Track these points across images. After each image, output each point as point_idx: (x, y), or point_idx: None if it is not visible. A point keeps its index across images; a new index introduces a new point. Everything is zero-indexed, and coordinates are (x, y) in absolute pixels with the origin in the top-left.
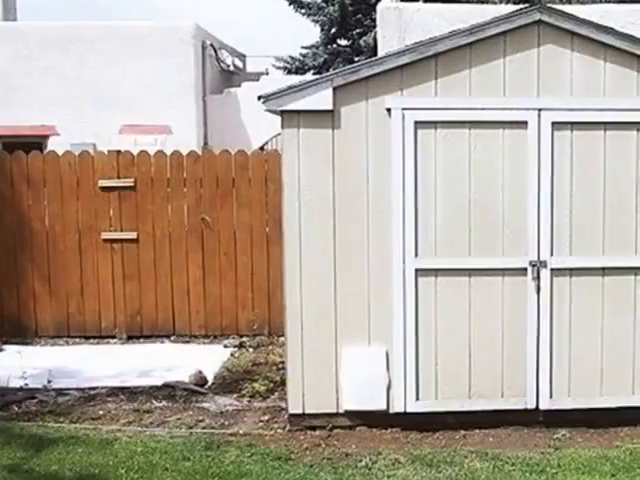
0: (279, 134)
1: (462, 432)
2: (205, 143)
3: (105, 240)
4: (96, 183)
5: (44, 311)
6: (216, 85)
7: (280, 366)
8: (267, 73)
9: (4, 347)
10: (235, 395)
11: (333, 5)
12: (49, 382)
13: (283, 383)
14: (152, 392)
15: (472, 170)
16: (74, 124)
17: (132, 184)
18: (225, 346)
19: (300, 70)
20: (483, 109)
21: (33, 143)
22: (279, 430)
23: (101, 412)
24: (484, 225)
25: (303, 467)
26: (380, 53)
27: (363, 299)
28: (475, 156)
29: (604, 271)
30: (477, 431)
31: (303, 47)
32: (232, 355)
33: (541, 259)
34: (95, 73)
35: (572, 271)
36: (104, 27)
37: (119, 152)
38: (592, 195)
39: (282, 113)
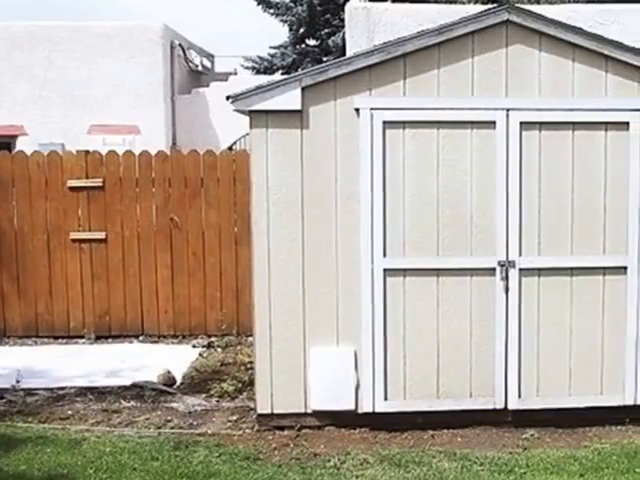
0: (247, 134)
1: (430, 432)
2: (174, 143)
3: (74, 240)
4: (65, 183)
5: (13, 311)
6: (184, 85)
7: (248, 366)
8: (235, 73)
9: None
10: (204, 395)
11: (301, 5)
12: (17, 382)
13: (251, 383)
14: (121, 392)
15: (440, 170)
16: (42, 124)
17: (101, 184)
18: (194, 346)
19: (268, 70)
20: (451, 109)
21: (1, 143)
22: (247, 430)
23: (70, 412)
24: (452, 225)
25: (271, 467)
26: (348, 53)
27: (332, 299)
28: (443, 156)
29: (572, 271)
30: (446, 431)
31: (271, 47)
32: (201, 355)
33: (509, 259)
34: (63, 73)
35: (540, 271)
36: (72, 27)
37: (87, 152)
38: (560, 195)
39: (250, 113)
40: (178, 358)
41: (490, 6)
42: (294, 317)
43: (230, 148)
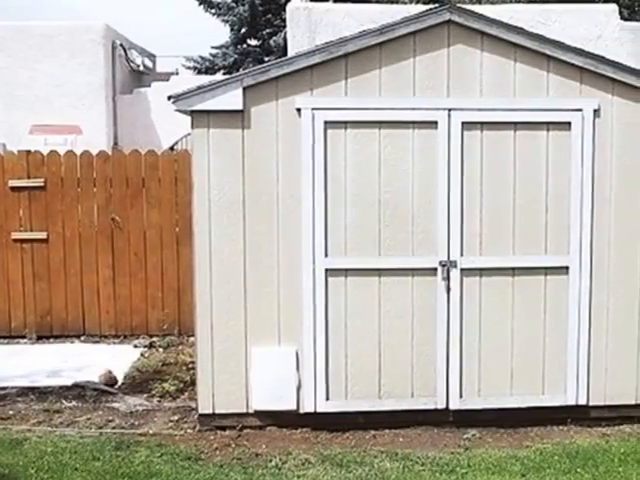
0: (189, 134)
1: (372, 432)
2: (115, 143)
3: (15, 240)
4: (6, 183)
5: None
6: (126, 85)
7: (190, 366)
8: (177, 73)
9: None
10: (145, 395)
11: (243, 5)
12: None
13: (193, 383)
14: (62, 392)
15: (382, 170)
16: None
17: (42, 184)
18: (135, 346)
19: (210, 70)
20: (393, 109)
21: None
22: (189, 430)
23: (11, 412)
24: (394, 225)
25: (213, 467)
26: (290, 53)
27: (273, 299)
28: (385, 156)
29: (514, 271)
30: (387, 431)
31: (213, 47)
32: (142, 355)
33: (451, 259)
34: (5, 73)
35: (482, 271)
36: (14, 27)
37: (29, 152)
38: (502, 195)
39: (192, 113)
40: (120, 358)
41: (432, 6)
42: (236, 317)
43: (172, 148)
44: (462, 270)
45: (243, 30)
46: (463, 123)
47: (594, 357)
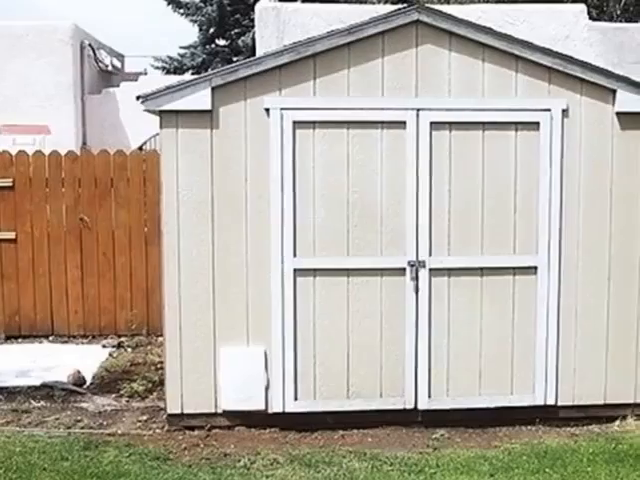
0: (158, 134)
1: (341, 432)
2: (84, 143)
3: None
4: None
5: None
6: (95, 85)
7: (159, 366)
8: (145, 73)
9: None
10: (113, 395)
11: (211, 5)
12: None
13: (162, 383)
14: (30, 392)
15: (351, 170)
16: None
17: (10, 184)
18: (104, 346)
19: (178, 70)
20: (361, 109)
21: None
22: (158, 430)
23: None
24: (363, 225)
25: (182, 467)
26: (258, 53)
27: (242, 299)
28: (354, 156)
29: (482, 271)
30: (356, 431)
31: (181, 47)
32: (111, 355)
33: (420, 259)
34: None
35: (451, 271)
36: None
37: None
38: (471, 195)
39: (160, 113)
40: (88, 358)
41: (400, 6)
42: (204, 317)
43: (140, 148)
44: (430, 270)
45: (211, 30)
46: (431, 123)
47: (562, 357)
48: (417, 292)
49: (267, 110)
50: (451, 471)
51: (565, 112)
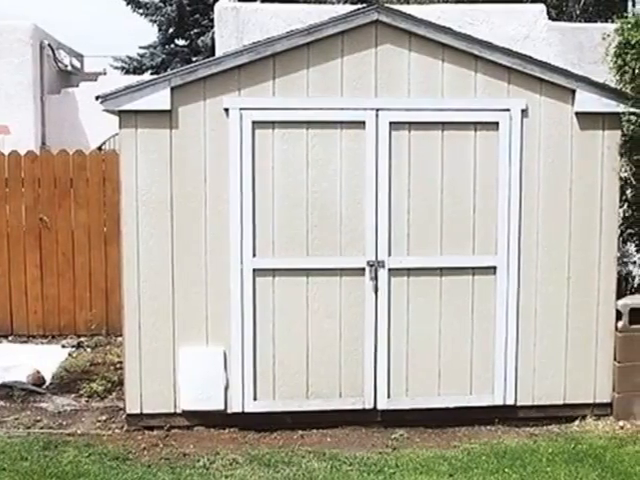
0: (117, 134)
1: (300, 432)
2: (43, 143)
3: None
4: None
5: None
6: (54, 85)
7: (118, 366)
8: (105, 73)
9: None
10: (73, 395)
11: (171, 5)
12: None
13: (121, 383)
14: None
15: (310, 170)
16: None
17: None
18: (63, 346)
19: (138, 70)
20: (321, 109)
21: None
22: (117, 430)
23: None
24: (322, 225)
25: (141, 467)
26: (218, 53)
27: (201, 299)
28: (313, 156)
29: (442, 271)
30: (315, 431)
31: (141, 47)
32: (70, 355)
33: (379, 259)
34: None
35: (410, 271)
36: None
37: None
38: (430, 195)
39: (120, 113)
40: (47, 358)
41: (360, 6)
42: (163, 317)
43: (100, 148)
44: (390, 270)
45: (171, 30)
46: (391, 123)
47: (522, 357)
48: (376, 292)
49: (226, 110)
50: (410, 471)
51: (524, 112)
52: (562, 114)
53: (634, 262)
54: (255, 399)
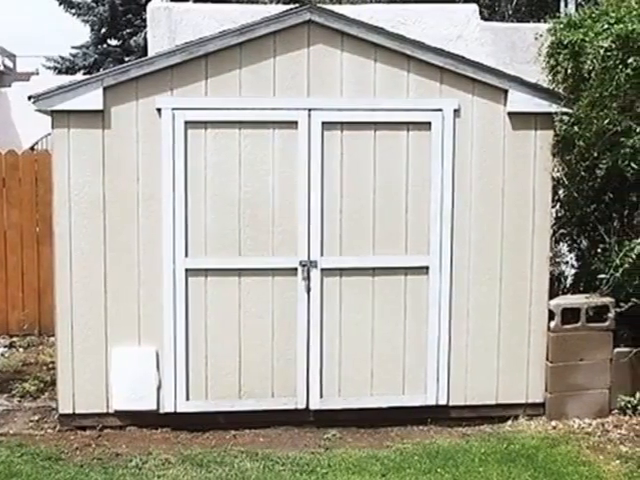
0: (50, 134)
1: (233, 432)
2: None
3: None
4: None
5: None
6: None
7: (51, 366)
8: (37, 73)
9: None
10: (5, 395)
11: (103, 5)
12: None
13: (54, 383)
14: None
15: (242, 170)
16: None
17: None
18: None
19: (70, 70)
20: (253, 109)
21: None
22: (49, 430)
23: None
24: (254, 225)
25: (73, 467)
26: (150, 53)
27: (133, 299)
28: (245, 156)
29: (374, 271)
30: (248, 431)
31: (73, 47)
32: (2, 355)
33: (311, 259)
34: None
35: (342, 271)
36: None
37: None
38: (363, 195)
39: (52, 113)
40: None
41: (292, 6)
42: (96, 317)
43: (32, 148)
44: (322, 270)
45: (103, 30)
46: (323, 123)
47: (454, 357)
48: (309, 292)
49: (159, 110)
50: (343, 471)
51: (457, 112)
52: (495, 114)
53: (566, 262)
54: (187, 399)
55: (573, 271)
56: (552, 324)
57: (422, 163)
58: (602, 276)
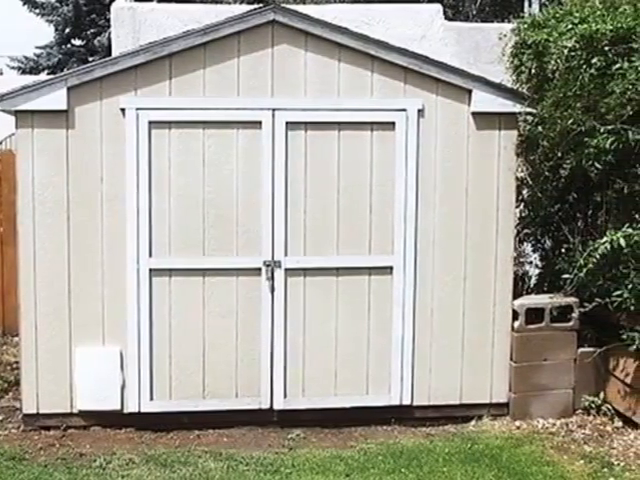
0: (14, 134)
1: (197, 432)
2: None
3: None
4: None
5: None
6: None
7: (14, 366)
8: (1, 73)
9: None
10: None
11: (67, 5)
12: None
13: (17, 383)
14: None
15: (206, 170)
16: None
17: None
18: None
19: (34, 70)
20: (217, 109)
21: None
22: (13, 430)
23: None
24: (218, 225)
25: (37, 467)
26: (114, 53)
27: (97, 299)
28: (209, 156)
29: (338, 271)
30: (212, 431)
31: (37, 47)
32: None
33: (275, 259)
34: None
35: (306, 271)
36: None
37: None
38: (327, 195)
39: (16, 113)
40: None
41: (256, 6)
42: (60, 317)
43: None
44: (286, 270)
45: (67, 30)
46: (287, 123)
47: (418, 357)
48: (273, 292)
49: (123, 110)
50: (307, 471)
51: (421, 112)
52: (459, 114)
53: (530, 262)
54: (151, 399)
55: (537, 271)
56: (516, 324)
57: (386, 163)
58: (566, 276)
